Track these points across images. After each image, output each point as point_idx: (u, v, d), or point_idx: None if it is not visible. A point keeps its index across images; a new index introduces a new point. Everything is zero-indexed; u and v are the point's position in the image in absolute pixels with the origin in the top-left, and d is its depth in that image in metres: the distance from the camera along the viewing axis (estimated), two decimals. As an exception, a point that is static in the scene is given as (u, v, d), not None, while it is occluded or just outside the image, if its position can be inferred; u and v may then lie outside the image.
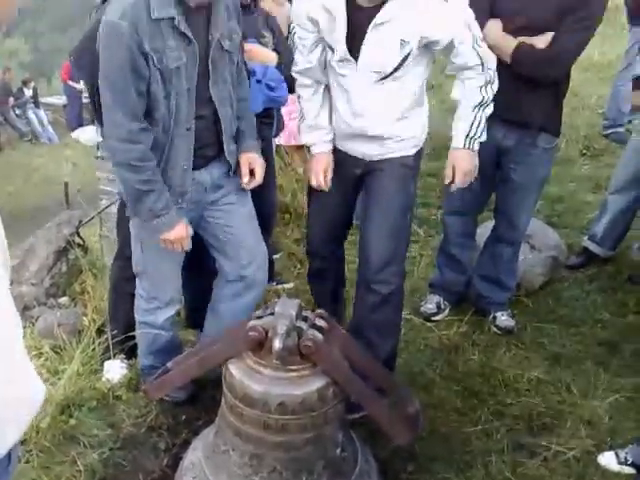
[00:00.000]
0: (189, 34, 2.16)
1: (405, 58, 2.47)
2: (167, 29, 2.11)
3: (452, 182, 2.70)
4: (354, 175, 2.80)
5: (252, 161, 2.55)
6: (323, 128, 2.72)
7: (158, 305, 2.61)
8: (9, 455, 1.16)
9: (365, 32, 2.44)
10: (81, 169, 10.49)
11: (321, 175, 2.71)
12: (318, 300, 3.22)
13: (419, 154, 2.79)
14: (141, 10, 2.05)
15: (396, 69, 2.49)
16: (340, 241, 3.10)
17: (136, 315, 2.69)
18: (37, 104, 13.89)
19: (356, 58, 2.48)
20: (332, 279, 3.18)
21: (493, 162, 3.23)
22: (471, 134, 2.66)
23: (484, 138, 2.71)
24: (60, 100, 14.75)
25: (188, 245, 2.40)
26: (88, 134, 11.39)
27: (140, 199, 2.23)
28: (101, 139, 4.54)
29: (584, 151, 5.86)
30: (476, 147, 2.69)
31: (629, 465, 2.44)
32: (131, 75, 2.07)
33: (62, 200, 6.44)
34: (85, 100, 9.88)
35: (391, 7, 2.39)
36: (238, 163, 2.54)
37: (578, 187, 5.18)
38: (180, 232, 2.34)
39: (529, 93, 3.01)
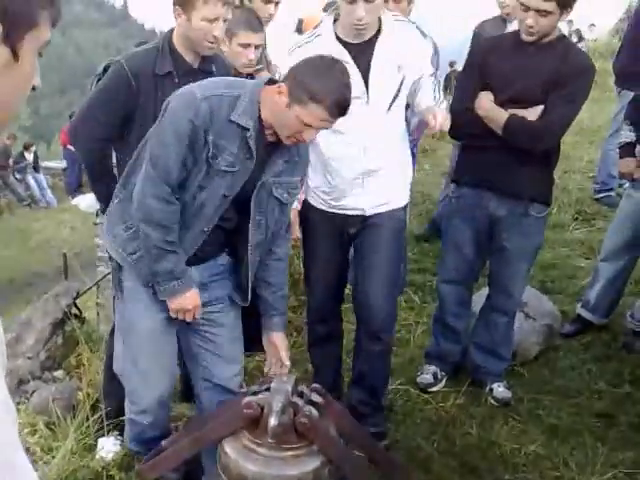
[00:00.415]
0: (254, 151, 2.15)
1: (401, 83, 2.76)
2: (236, 136, 2.12)
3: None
4: (349, 234, 2.97)
5: (279, 343, 2.45)
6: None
7: (138, 410, 2.49)
8: None
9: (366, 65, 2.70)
10: (79, 233, 10.57)
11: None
12: (321, 368, 3.28)
13: (406, 207, 3.10)
14: (225, 105, 2.09)
15: (396, 96, 2.77)
16: (340, 302, 3.24)
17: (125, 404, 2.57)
18: (37, 168, 14.08)
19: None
20: (337, 342, 3.28)
21: (486, 231, 3.29)
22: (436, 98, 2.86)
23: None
24: (59, 164, 14.97)
25: (200, 313, 2.32)
26: (88, 201, 11.52)
27: (161, 260, 2.16)
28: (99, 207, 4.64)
29: (576, 215, 5.92)
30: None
31: None
32: (186, 147, 2.07)
33: (60, 265, 6.45)
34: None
35: (383, 38, 2.71)
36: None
37: (571, 252, 5.23)
38: (195, 297, 2.27)
39: (520, 164, 3.08)
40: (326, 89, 2.05)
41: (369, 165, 2.81)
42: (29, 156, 14.14)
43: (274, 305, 2.44)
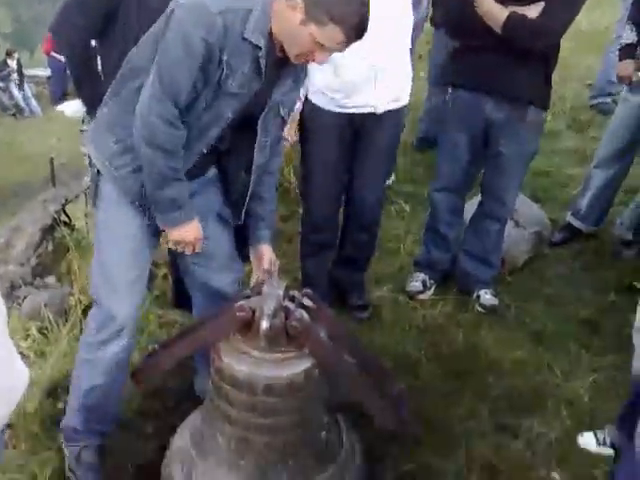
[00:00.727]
0: (263, 71, 2.01)
1: None
2: (248, 55, 1.95)
3: None
4: (354, 134, 3.03)
5: (265, 254, 2.38)
6: None
7: (107, 336, 2.18)
8: None
9: None
10: (65, 143, 10.38)
11: None
12: (314, 277, 3.34)
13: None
14: (238, 21, 1.90)
15: None
16: (338, 210, 3.31)
17: (79, 352, 2.27)
18: (21, 77, 13.65)
19: None
20: (331, 251, 3.37)
21: (482, 137, 3.25)
22: None
23: None
24: (44, 72, 14.53)
25: (200, 247, 2.20)
26: (73, 107, 11.30)
27: (164, 186, 2.01)
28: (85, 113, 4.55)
29: (570, 124, 5.86)
30: None
31: (607, 446, 2.49)
32: (199, 67, 1.90)
33: (46, 176, 6.37)
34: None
35: None
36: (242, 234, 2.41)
37: (563, 161, 5.20)
38: (197, 229, 2.14)
39: (518, 66, 3.02)
40: (348, 10, 1.88)
41: (380, 60, 2.81)
42: (12, 63, 13.68)
43: (264, 218, 2.38)
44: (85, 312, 3.08)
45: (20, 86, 13.47)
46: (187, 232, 2.11)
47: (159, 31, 1.95)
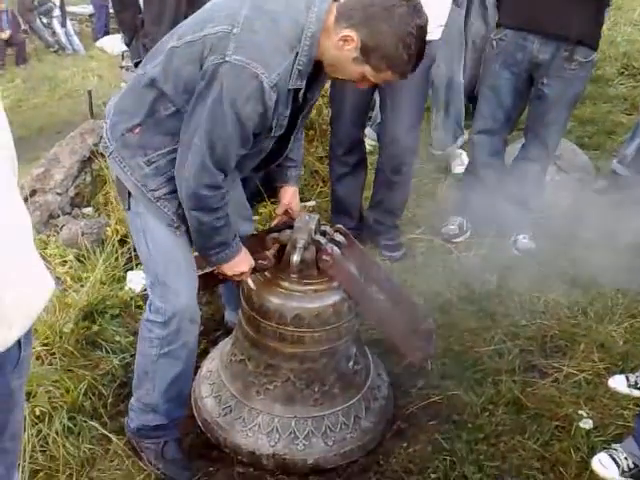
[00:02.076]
0: (301, 101, 1.90)
1: None
2: (290, 98, 1.83)
3: None
4: None
5: (292, 197, 2.31)
6: None
7: (180, 325, 2.04)
8: (19, 349, 1.19)
9: None
10: (106, 81, 10.41)
11: None
12: (344, 200, 3.40)
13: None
14: (287, 78, 1.75)
15: None
16: (363, 129, 3.39)
17: (149, 349, 2.09)
18: (64, 13, 13.62)
19: None
20: (361, 173, 3.40)
21: (527, 77, 3.16)
22: None
23: None
24: (86, 9, 14.47)
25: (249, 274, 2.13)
26: (113, 42, 11.29)
27: (213, 236, 1.95)
28: (125, 49, 4.54)
29: (622, 70, 5.64)
30: None
31: (638, 388, 2.46)
32: (246, 137, 1.80)
33: (87, 111, 6.40)
34: (111, 10, 9.72)
35: None
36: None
37: (612, 108, 5.03)
38: (248, 258, 2.08)
39: (568, 3, 2.90)
40: (407, 57, 1.75)
41: None
42: None
43: (290, 156, 2.23)
44: (122, 242, 3.14)
45: (63, 23, 13.45)
46: (238, 264, 2.04)
47: (197, 75, 1.75)
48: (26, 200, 3.47)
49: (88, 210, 3.67)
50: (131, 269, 3.06)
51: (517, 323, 2.87)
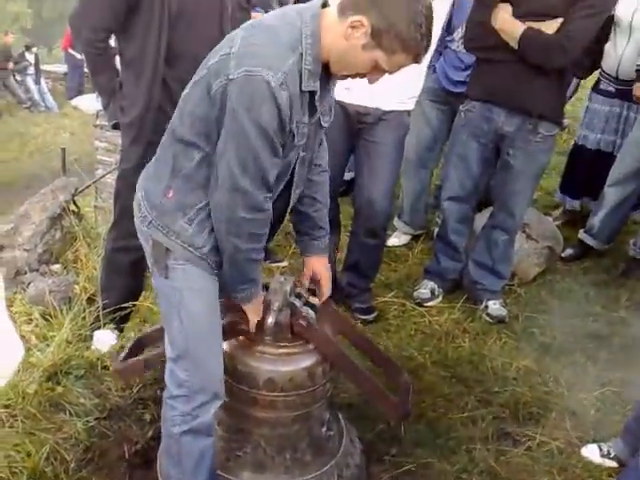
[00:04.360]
0: (319, 109, 1.84)
1: None
2: (306, 102, 1.77)
3: None
4: (359, 129, 3.10)
5: (323, 272, 2.20)
6: None
7: (205, 399, 1.96)
8: None
9: None
10: (79, 138, 10.44)
11: None
12: None
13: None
14: (296, 79, 1.70)
15: None
16: (339, 192, 3.46)
17: (171, 429, 1.99)
18: (38, 71, 13.73)
19: None
20: (335, 232, 3.33)
21: (494, 147, 3.25)
22: None
23: None
24: (60, 68, 14.61)
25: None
26: (87, 102, 11.37)
27: (247, 269, 1.88)
28: (100, 108, 4.56)
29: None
30: None
31: (611, 459, 2.45)
32: (273, 144, 1.72)
33: (58, 169, 6.39)
34: (86, 70, 9.80)
35: None
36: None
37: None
38: (260, 306, 2.04)
39: (532, 80, 3.01)
40: (420, 37, 1.68)
41: None
42: (30, 57, 13.78)
43: (319, 224, 2.16)
44: (90, 301, 3.08)
45: (37, 80, 13.55)
46: (252, 307, 2.01)
47: (209, 106, 1.74)
48: (-7, 256, 3.41)
49: (56, 267, 3.60)
50: (98, 328, 2.98)
51: (490, 389, 2.85)
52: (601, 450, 2.48)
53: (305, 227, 2.18)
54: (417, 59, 1.75)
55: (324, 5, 1.77)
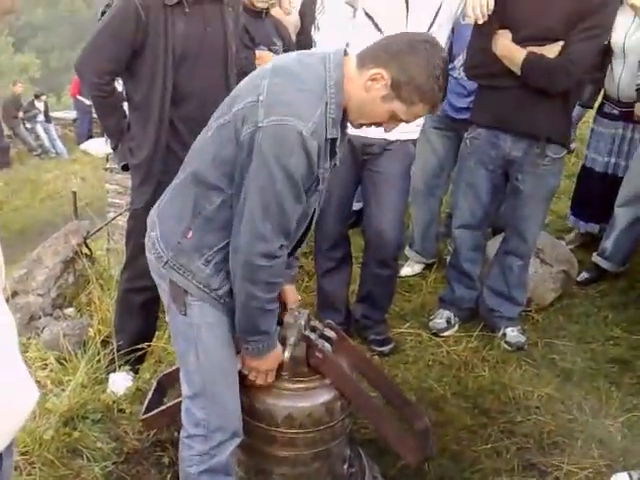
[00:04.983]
0: (339, 154, 1.88)
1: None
2: (328, 149, 1.80)
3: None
4: (364, 160, 3.10)
5: (291, 296, 2.21)
6: None
7: (223, 438, 1.96)
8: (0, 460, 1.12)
9: None
10: (89, 183, 10.54)
11: None
12: (331, 296, 3.38)
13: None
14: (323, 128, 1.73)
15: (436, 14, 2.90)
16: (347, 226, 3.45)
17: (188, 469, 1.99)
18: (48, 118, 13.95)
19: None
20: (347, 268, 3.41)
21: (502, 173, 3.25)
22: None
23: None
24: (69, 114, 14.84)
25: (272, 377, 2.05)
26: (97, 145, 11.49)
27: (259, 319, 1.87)
28: (110, 151, 4.60)
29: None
30: None
31: (643, 486, 2.39)
32: (298, 191, 1.74)
33: (70, 214, 6.44)
34: (95, 115, 9.92)
35: None
36: None
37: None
38: (278, 357, 2.01)
39: (536, 103, 3.01)
40: (437, 88, 1.75)
41: None
42: (39, 105, 14.01)
43: (293, 266, 2.21)
44: (104, 344, 3.06)
45: (46, 128, 13.76)
46: (270, 360, 1.98)
47: (236, 150, 1.75)
48: (7, 301, 3.40)
49: (70, 311, 3.61)
50: (113, 371, 2.96)
51: (513, 419, 2.80)
52: (631, 478, 2.41)
53: None
54: (434, 109, 1.83)
55: (344, 53, 1.82)
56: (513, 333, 3.38)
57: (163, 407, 2.26)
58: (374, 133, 2.95)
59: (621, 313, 3.67)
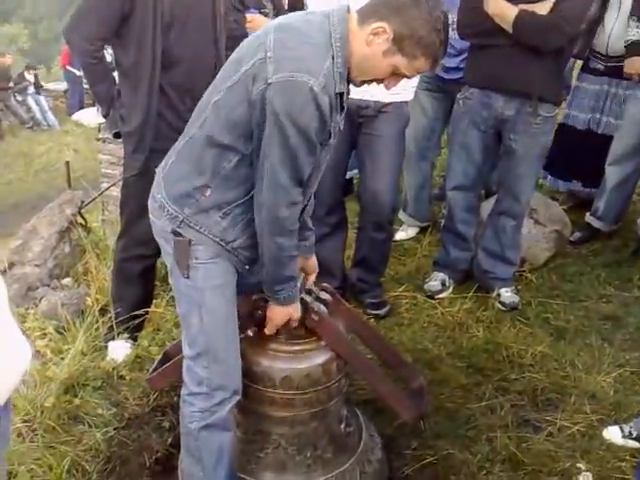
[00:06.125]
0: (345, 107, 1.89)
1: None
2: (338, 103, 1.81)
3: None
4: (359, 122, 3.10)
5: (312, 269, 2.25)
6: None
7: (224, 396, 1.98)
8: None
9: None
10: (82, 155, 10.48)
11: None
12: (328, 261, 3.26)
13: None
14: (332, 82, 1.74)
15: None
16: (342, 189, 3.45)
17: (189, 425, 2.01)
18: (39, 90, 13.81)
19: None
20: (343, 233, 3.42)
21: (494, 133, 3.25)
22: None
23: None
24: (60, 86, 14.70)
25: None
26: (89, 115, 11.40)
27: (287, 265, 1.90)
28: (102, 120, 4.57)
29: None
30: None
31: (633, 439, 2.43)
32: (312, 145, 1.77)
33: (64, 187, 6.41)
34: (86, 85, 9.84)
35: None
36: None
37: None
38: (298, 308, 2.04)
39: (529, 62, 3.00)
40: (439, 42, 1.75)
41: None
42: (30, 77, 13.86)
43: (308, 224, 2.21)
44: (102, 312, 3.08)
45: (37, 99, 13.64)
46: (290, 309, 2.00)
47: (249, 110, 1.75)
48: (4, 273, 3.42)
49: (67, 281, 3.62)
50: (112, 339, 2.99)
51: (507, 377, 2.84)
52: (623, 431, 2.46)
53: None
54: (435, 64, 1.81)
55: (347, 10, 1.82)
56: (507, 293, 3.41)
57: (168, 364, 2.26)
58: (368, 95, 2.98)
59: (614, 271, 3.71)
